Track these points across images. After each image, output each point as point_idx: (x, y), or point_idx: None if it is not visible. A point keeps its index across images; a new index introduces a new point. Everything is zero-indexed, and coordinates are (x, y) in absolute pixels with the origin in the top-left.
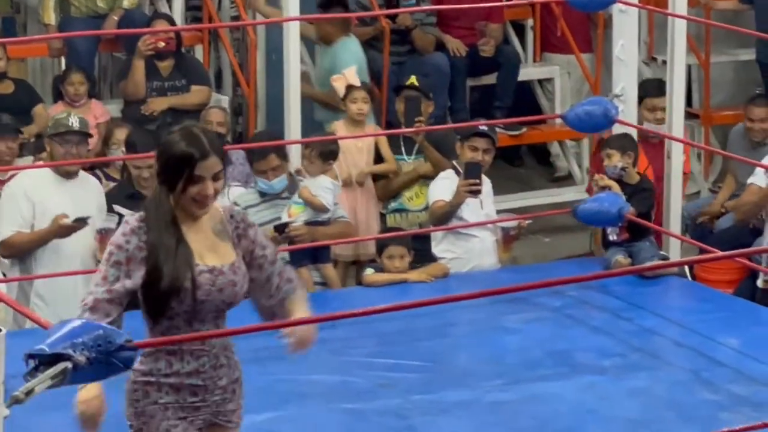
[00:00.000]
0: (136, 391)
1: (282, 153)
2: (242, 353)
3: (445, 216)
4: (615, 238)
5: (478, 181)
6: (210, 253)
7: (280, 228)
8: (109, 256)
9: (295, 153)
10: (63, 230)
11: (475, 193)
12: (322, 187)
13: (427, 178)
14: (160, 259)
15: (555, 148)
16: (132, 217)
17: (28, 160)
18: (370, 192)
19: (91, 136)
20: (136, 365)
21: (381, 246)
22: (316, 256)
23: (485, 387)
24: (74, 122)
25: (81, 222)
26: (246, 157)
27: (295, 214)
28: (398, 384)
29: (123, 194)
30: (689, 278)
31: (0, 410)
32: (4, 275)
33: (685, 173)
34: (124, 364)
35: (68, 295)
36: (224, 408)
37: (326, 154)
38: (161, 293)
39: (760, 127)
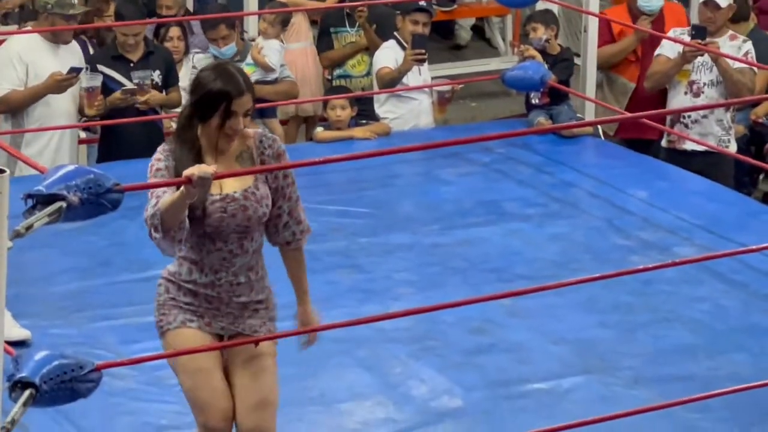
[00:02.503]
0: (160, 286)
1: (230, 23)
2: None
3: (392, 81)
4: (537, 101)
5: (424, 50)
6: (229, 179)
7: None
8: (151, 168)
9: (252, 25)
10: (58, 84)
11: (422, 61)
12: (272, 50)
13: (366, 50)
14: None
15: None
16: (162, 145)
17: (13, 28)
18: (314, 54)
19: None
20: (168, 266)
21: (325, 102)
22: (262, 111)
23: (424, 231)
24: (76, 1)
25: (75, 72)
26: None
27: None
28: (346, 228)
29: (108, 56)
30: (602, 138)
31: (4, 243)
32: None
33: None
34: (111, 204)
35: (54, 145)
36: (245, 322)
37: (285, 21)
38: None
39: None
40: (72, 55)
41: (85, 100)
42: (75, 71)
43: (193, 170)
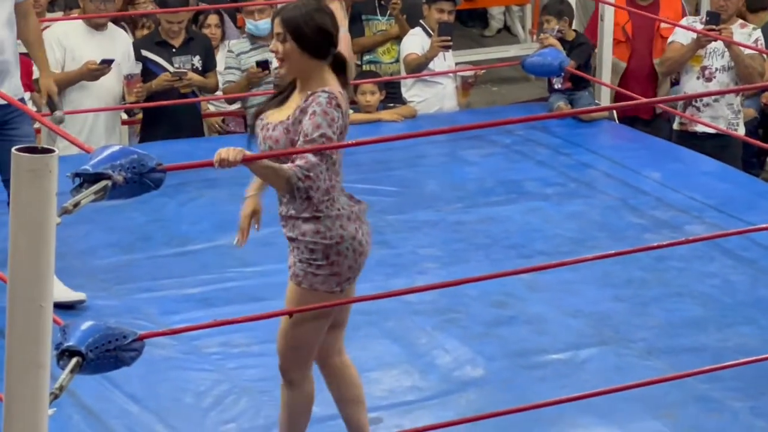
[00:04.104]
0: None
1: None
2: (247, 179)
3: (419, 66)
4: (560, 86)
5: (449, 38)
6: (281, 111)
7: (262, 64)
8: None
9: None
10: (91, 73)
11: (447, 48)
12: None
13: (397, 38)
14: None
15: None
16: None
17: (59, 14)
18: (347, 41)
19: None
20: None
21: (356, 86)
22: None
23: (448, 209)
24: None
25: (106, 64)
26: None
27: None
28: (375, 205)
29: (152, 42)
30: (617, 122)
31: (53, 219)
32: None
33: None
34: (154, 183)
35: (90, 128)
36: (290, 255)
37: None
38: None
39: None
40: (114, 41)
41: (125, 87)
42: (106, 63)
43: (221, 152)
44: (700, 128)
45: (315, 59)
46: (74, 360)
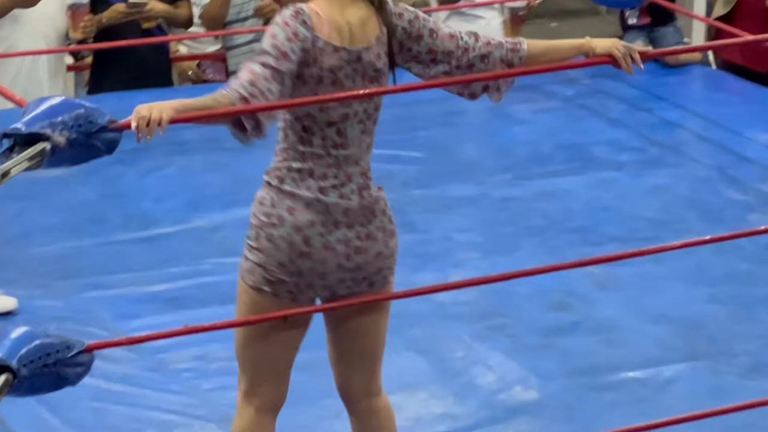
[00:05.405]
0: None
1: None
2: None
3: None
4: (635, 21)
5: None
6: None
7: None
8: None
9: None
10: None
11: None
12: None
13: None
14: None
15: None
16: None
17: None
18: None
19: None
20: None
21: None
22: None
23: (491, 182)
24: None
25: None
26: None
27: None
28: (396, 177)
29: None
30: (714, 67)
31: None
32: None
33: None
34: (106, 146)
35: (27, 75)
36: None
37: None
38: None
39: None
40: None
41: (69, 21)
42: None
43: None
44: None
45: None
46: (2, 377)
